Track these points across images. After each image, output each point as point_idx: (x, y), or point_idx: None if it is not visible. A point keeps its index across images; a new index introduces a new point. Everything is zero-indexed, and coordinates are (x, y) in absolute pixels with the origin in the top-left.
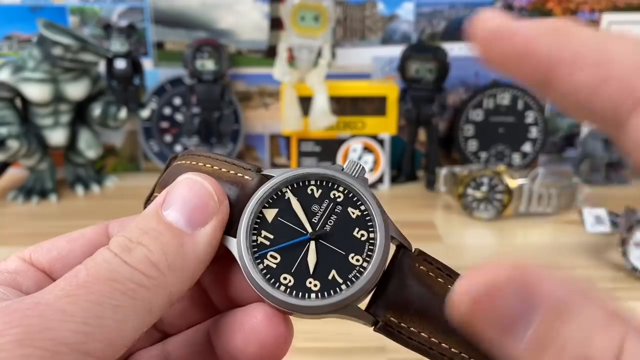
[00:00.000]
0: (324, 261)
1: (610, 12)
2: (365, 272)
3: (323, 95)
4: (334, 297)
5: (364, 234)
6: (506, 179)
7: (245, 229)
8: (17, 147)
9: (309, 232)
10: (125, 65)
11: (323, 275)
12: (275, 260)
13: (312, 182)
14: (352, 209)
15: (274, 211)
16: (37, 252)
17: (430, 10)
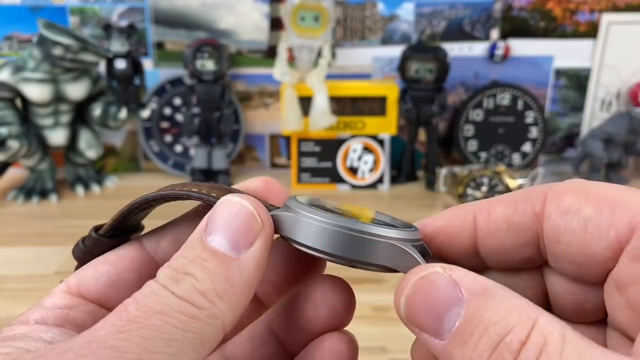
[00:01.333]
0: (376, 220)
1: (610, 12)
2: (413, 229)
3: (323, 96)
4: (399, 230)
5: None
6: (506, 179)
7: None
8: (17, 147)
9: None
10: (126, 66)
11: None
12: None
13: None
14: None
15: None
16: (83, 283)
17: (430, 10)
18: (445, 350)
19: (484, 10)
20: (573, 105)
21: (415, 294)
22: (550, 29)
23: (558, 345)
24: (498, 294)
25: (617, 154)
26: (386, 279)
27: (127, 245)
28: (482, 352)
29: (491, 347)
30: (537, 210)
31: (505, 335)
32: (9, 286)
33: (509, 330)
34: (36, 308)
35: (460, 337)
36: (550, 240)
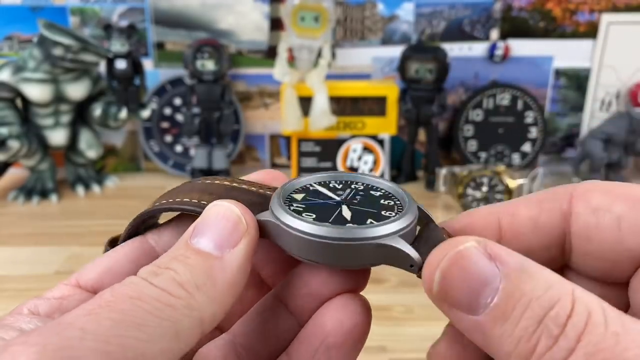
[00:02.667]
0: (358, 215)
1: (609, 12)
2: (400, 215)
3: (323, 96)
4: (378, 226)
5: (390, 202)
6: (506, 179)
7: (278, 195)
8: (17, 147)
9: (338, 199)
10: (126, 66)
11: (360, 222)
12: (311, 216)
13: (334, 181)
14: (373, 191)
15: (302, 195)
16: (82, 274)
17: (430, 10)
18: (480, 327)
19: (483, 11)
20: (573, 105)
21: (451, 269)
22: (550, 29)
23: (601, 316)
24: (535, 268)
25: (616, 154)
26: (386, 279)
27: (132, 240)
28: (526, 327)
29: (536, 321)
30: (564, 209)
31: (550, 309)
32: (8, 286)
33: (553, 303)
34: (34, 299)
35: (500, 312)
36: (580, 239)
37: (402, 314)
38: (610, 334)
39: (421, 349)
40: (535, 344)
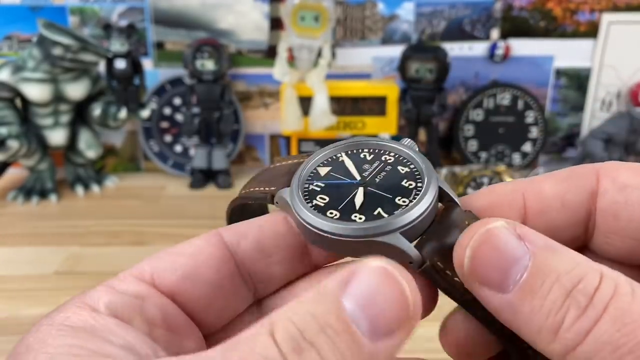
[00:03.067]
0: (370, 201)
1: (610, 12)
2: (410, 206)
3: (323, 95)
4: (378, 221)
5: (412, 183)
6: (506, 179)
7: (299, 177)
8: (17, 147)
9: (358, 179)
10: (125, 65)
11: (369, 210)
12: (323, 200)
13: (366, 149)
14: (401, 167)
15: (327, 169)
16: (158, 273)
17: (430, 10)
18: (510, 303)
19: (484, 10)
20: (573, 105)
21: (482, 247)
22: (550, 29)
23: (629, 288)
24: (562, 248)
25: (617, 154)
26: None
27: (207, 238)
28: (555, 300)
29: (564, 294)
30: (591, 187)
31: (578, 283)
32: (8, 286)
33: (581, 277)
34: (105, 289)
35: (529, 288)
36: (607, 216)
37: None
38: (638, 302)
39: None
40: (564, 316)
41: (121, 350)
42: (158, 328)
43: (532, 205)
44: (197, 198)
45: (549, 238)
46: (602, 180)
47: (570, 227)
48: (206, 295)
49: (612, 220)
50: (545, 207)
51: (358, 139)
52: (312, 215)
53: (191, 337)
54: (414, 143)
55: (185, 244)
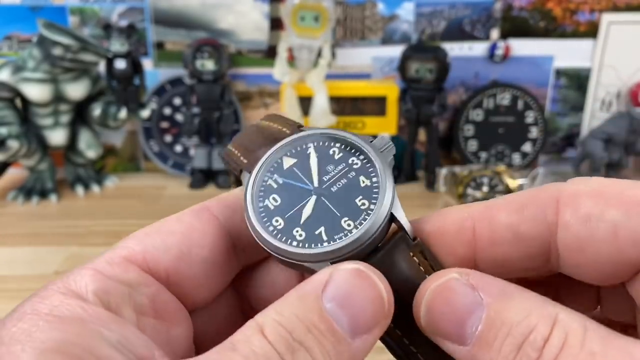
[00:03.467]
0: (317, 216)
1: (610, 12)
2: (350, 235)
3: (323, 95)
4: (314, 249)
5: (365, 203)
6: (506, 179)
7: (259, 168)
8: (17, 147)
9: (313, 187)
10: (125, 65)
11: (311, 228)
12: (275, 203)
13: (337, 144)
14: (363, 177)
15: (292, 161)
16: (152, 255)
17: (430, 10)
18: (471, 355)
19: (484, 10)
20: (573, 105)
21: (435, 302)
22: (550, 29)
23: (579, 337)
24: (516, 294)
25: (617, 154)
26: None
27: (196, 214)
28: (507, 354)
29: (516, 347)
30: (549, 219)
31: (528, 335)
32: (8, 286)
33: (531, 328)
34: (93, 274)
35: (484, 340)
36: (571, 250)
37: None
38: (585, 354)
39: None
40: None
41: (114, 351)
42: (146, 317)
43: (482, 234)
44: (197, 198)
45: (505, 282)
46: (562, 210)
47: (525, 259)
48: (201, 273)
49: (577, 254)
50: (496, 238)
51: (334, 132)
52: (257, 222)
53: (179, 323)
54: (390, 145)
55: (173, 220)
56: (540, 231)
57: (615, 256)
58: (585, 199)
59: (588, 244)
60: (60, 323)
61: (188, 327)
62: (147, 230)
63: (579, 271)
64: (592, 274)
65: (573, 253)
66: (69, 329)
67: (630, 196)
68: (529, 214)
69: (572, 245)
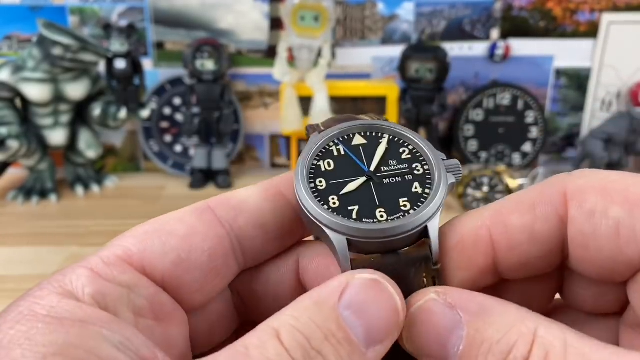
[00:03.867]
0: (357, 195)
1: (610, 12)
2: (378, 223)
3: (323, 95)
4: (340, 219)
5: (407, 205)
6: (506, 179)
7: (330, 132)
8: (17, 147)
9: (368, 170)
10: (125, 65)
11: (347, 202)
12: (328, 167)
13: (410, 147)
14: (418, 184)
15: (363, 141)
16: (149, 258)
17: (430, 10)
18: None
19: (484, 10)
20: (573, 105)
21: (415, 325)
22: (550, 29)
23: (560, 355)
24: (496, 309)
25: (617, 154)
26: None
27: (199, 214)
28: None
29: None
30: (561, 214)
31: (508, 353)
32: (8, 286)
33: (511, 346)
34: (89, 275)
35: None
36: (577, 246)
37: None
38: None
39: None
40: None
41: (117, 351)
42: (143, 318)
43: (499, 241)
44: (197, 198)
45: (484, 297)
46: (569, 205)
47: (545, 257)
48: (199, 278)
49: (582, 250)
50: (513, 241)
51: (414, 136)
52: (302, 178)
53: (177, 324)
54: (459, 171)
55: (175, 220)
56: (553, 228)
57: (616, 254)
58: (590, 194)
59: (591, 241)
60: (60, 325)
61: (185, 327)
62: (147, 228)
63: (583, 267)
64: (594, 270)
65: (578, 248)
66: (69, 330)
67: (635, 194)
68: (540, 213)
69: (578, 240)
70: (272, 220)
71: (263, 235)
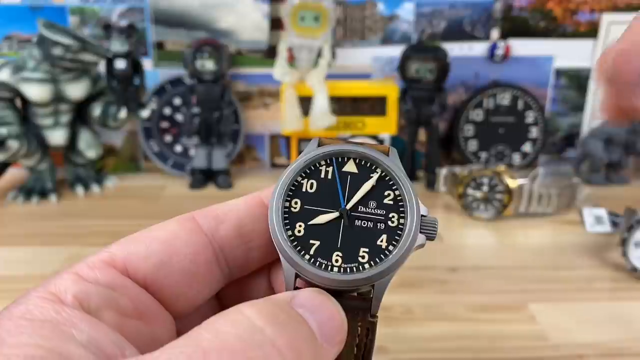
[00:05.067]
0: (324, 230)
1: (610, 12)
2: (328, 271)
3: (323, 95)
4: (295, 254)
5: (365, 257)
6: (506, 179)
7: (327, 149)
8: (17, 147)
9: (344, 207)
10: (125, 65)
11: (311, 235)
12: (310, 189)
13: (397, 192)
14: (386, 238)
15: (355, 170)
16: (132, 261)
17: (430, 10)
18: None
19: (484, 10)
20: (573, 105)
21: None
22: (550, 29)
23: None
24: None
25: (617, 154)
26: None
27: (182, 222)
28: None
29: None
30: None
31: None
32: (7, 286)
33: None
34: (73, 278)
35: None
36: None
37: (402, 315)
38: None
39: (421, 350)
40: None
41: (83, 350)
42: (129, 319)
43: None
44: (197, 198)
45: None
46: None
47: None
48: (180, 283)
49: None
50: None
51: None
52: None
53: (163, 324)
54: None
55: (159, 228)
56: None
57: None
58: None
59: None
60: (31, 327)
61: (171, 328)
62: (133, 236)
63: None
64: None
65: None
66: (39, 331)
67: None
68: None
69: None
70: (254, 231)
71: (244, 244)
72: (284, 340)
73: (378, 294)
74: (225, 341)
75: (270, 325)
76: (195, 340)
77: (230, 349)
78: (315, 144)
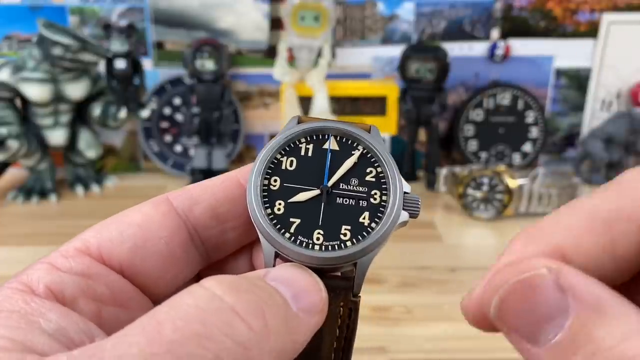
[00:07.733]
0: (304, 207)
1: (610, 12)
2: (309, 248)
3: (323, 95)
4: (275, 231)
5: (347, 234)
6: (506, 179)
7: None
8: (17, 147)
9: (324, 184)
10: (125, 65)
11: (291, 213)
12: (289, 166)
13: (379, 169)
14: (368, 215)
15: (337, 147)
16: (105, 246)
17: (430, 10)
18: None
19: (484, 10)
20: (573, 105)
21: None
22: (550, 29)
23: None
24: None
25: (617, 154)
26: (386, 279)
27: (156, 205)
28: None
29: None
30: None
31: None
32: None
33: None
34: (46, 268)
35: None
36: None
37: (402, 315)
38: None
39: (421, 349)
40: None
41: (48, 339)
42: (107, 306)
43: None
44: None
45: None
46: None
47: (623, 272)
48: (157, 266)
49: None
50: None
51: (389, 160)
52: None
53: (142, 309)
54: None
55: (133, 211)
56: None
57: None
58: None
59: None
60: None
61: None
62: (106, 221)
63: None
64: None
65: None
66: (5, 322)
67: None
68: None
69: None
70: (229, 211)
71: (220, 225)
72: (244, 304)
73: (360, 272)
74: (181, 310)
75: (229, 292)
76: (152, 313)
77: (185, 317)
78: (295, 121)
